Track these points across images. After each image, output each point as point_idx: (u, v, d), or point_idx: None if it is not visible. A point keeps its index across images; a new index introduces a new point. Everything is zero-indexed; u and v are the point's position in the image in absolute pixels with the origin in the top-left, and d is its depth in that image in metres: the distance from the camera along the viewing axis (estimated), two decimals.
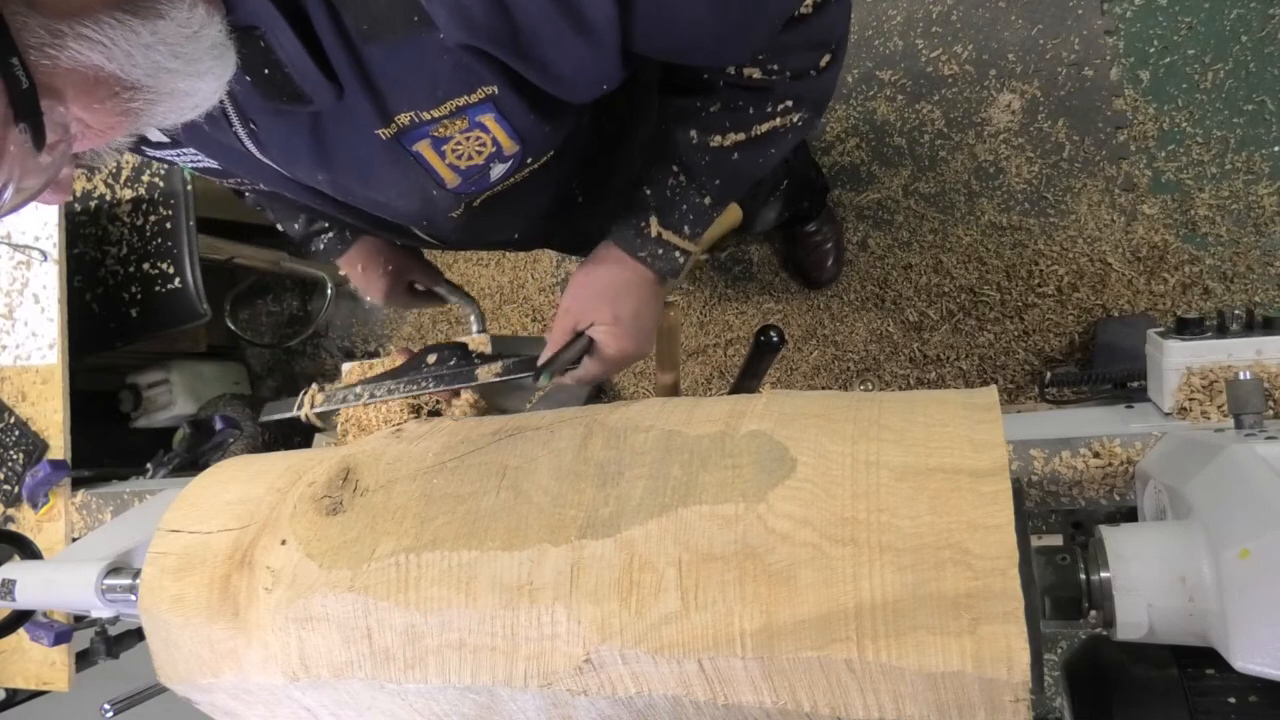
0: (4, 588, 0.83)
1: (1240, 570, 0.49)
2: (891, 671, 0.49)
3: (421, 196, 0.75)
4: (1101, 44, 1.77)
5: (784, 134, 0.79)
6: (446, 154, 0.71)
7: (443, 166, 0.72)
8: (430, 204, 0.77)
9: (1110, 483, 0.80)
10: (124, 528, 0.93)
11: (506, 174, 0.76)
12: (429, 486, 0.66)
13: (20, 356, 1.40)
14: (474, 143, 0.70)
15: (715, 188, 0.79)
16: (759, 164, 0.80)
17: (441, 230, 0.85)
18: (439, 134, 0.68)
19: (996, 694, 0.48)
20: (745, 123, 0.77)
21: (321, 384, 1.07)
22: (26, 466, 1.32)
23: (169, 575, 0.73)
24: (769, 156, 0.80)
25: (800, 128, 0.80)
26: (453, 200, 0.77)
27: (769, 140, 0.79)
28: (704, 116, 0.77)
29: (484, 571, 0.60)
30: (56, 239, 1.41)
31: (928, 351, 1.85)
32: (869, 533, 0.52)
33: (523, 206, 0.87)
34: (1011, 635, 0.47)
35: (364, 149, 0.68)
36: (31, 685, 1.28)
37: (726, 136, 0.77)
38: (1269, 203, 1.66)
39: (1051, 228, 1.78)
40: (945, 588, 0.49)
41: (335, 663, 0.64)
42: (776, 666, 0.52)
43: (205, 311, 1.70)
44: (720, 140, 0.77)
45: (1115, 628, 0.53)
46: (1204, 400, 0.77)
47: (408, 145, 0.68)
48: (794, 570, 0.52)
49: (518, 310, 2.20)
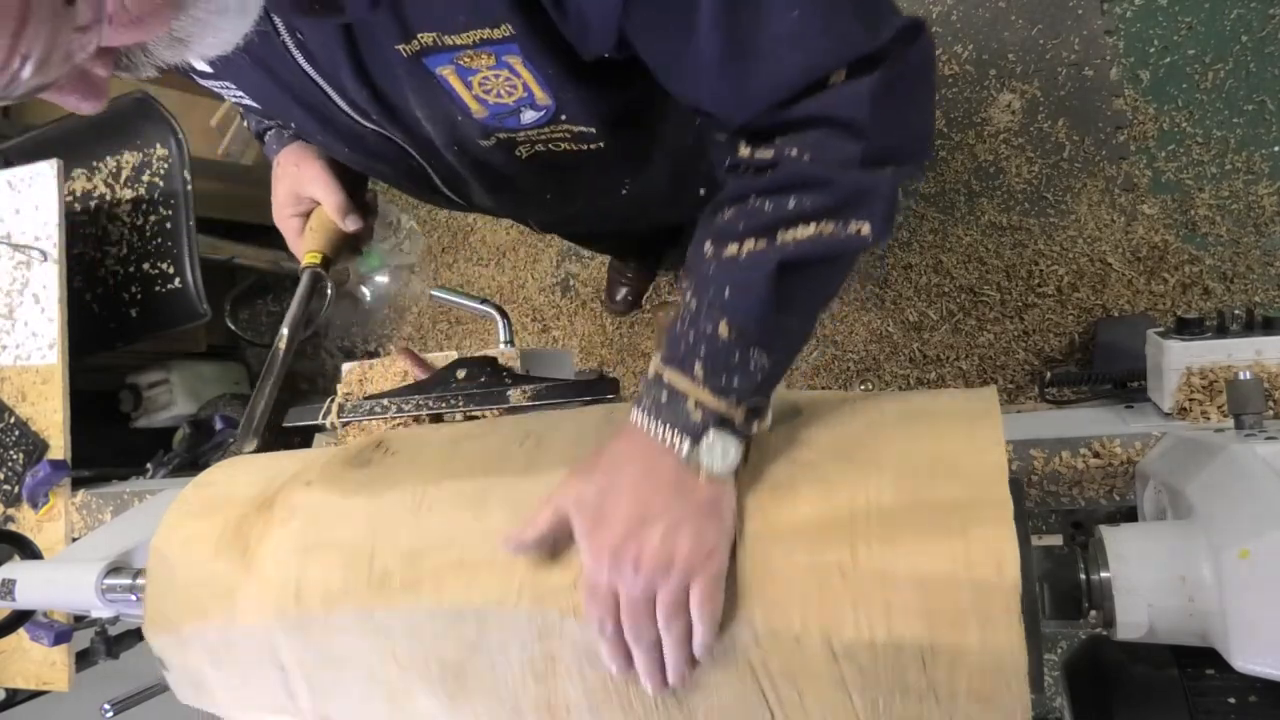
0: (4, 588, 0.82)
1: (1240, 570, 0.49)
2: (883, 577, 0.51)
3: (447, 121, 0.75)
4: (1101, 44, 1.77)
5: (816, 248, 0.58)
6: (473, 85, 0.69)
7: (469, 96, 0.71)
8: (457, 130, 0.76)
9: (1110, 483, 0.80)
10: (124, 528, 0.93)
11: (539, 121, 0.74)
12: (455, 449, 0.70)
13: (20, 356, 1.40)
14: (504, 82, 0.69)
15: (729, 307, 0.58)
16: (789, 290, 0.58)
17: (473, 163, 0.83)
18: (464, 63, 0.67)
19: (987, 601, 0.49)
20: (762, 225, 0.58)
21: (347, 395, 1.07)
22: (26, 466, 1.32)
23: (189, 517, 0.76)
24: (801, 282, 0.59)
25: (838, 240, 0.58)
26: (480, 129, 0.75)
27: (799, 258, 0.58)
28: (719, 223, 0.61)
29: (497, 493, 0.63)
30: (56, 239, 1.41)
31: (928, 351, 1.85)
32: (868, 454, 0.56)
33: (567, 170, 0.85)
34: (1002, 539, 0.49)
35: (392, 65, 0.68)
36: (31, 685, 1.28)
37: (743, 246, 0.58)
38: (1269, 203, 1.66)
39: (1051, 228, 1.78)
40: (938, 496, 0.52)
41: (330, 591, 0.65)
42: (770, 571, 0.54)
43: (205, 311, 1.70)
44: (735, 250, 0.59)
45: (1115, 628, 0.53)
46: (1204, 400, 0.77)
47: (431, 67, 0.67)
48: (794, 483, 0.57)
49: (518, 310, 2.20)
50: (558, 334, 2.17)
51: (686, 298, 0.61)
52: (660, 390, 0.59)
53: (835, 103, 0.57)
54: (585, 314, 2.14)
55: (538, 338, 2.19)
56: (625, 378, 2.09)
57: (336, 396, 1.02)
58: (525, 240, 2.22)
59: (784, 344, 0.60)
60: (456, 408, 0.92)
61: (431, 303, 2.30)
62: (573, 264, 2.17)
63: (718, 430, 0.57)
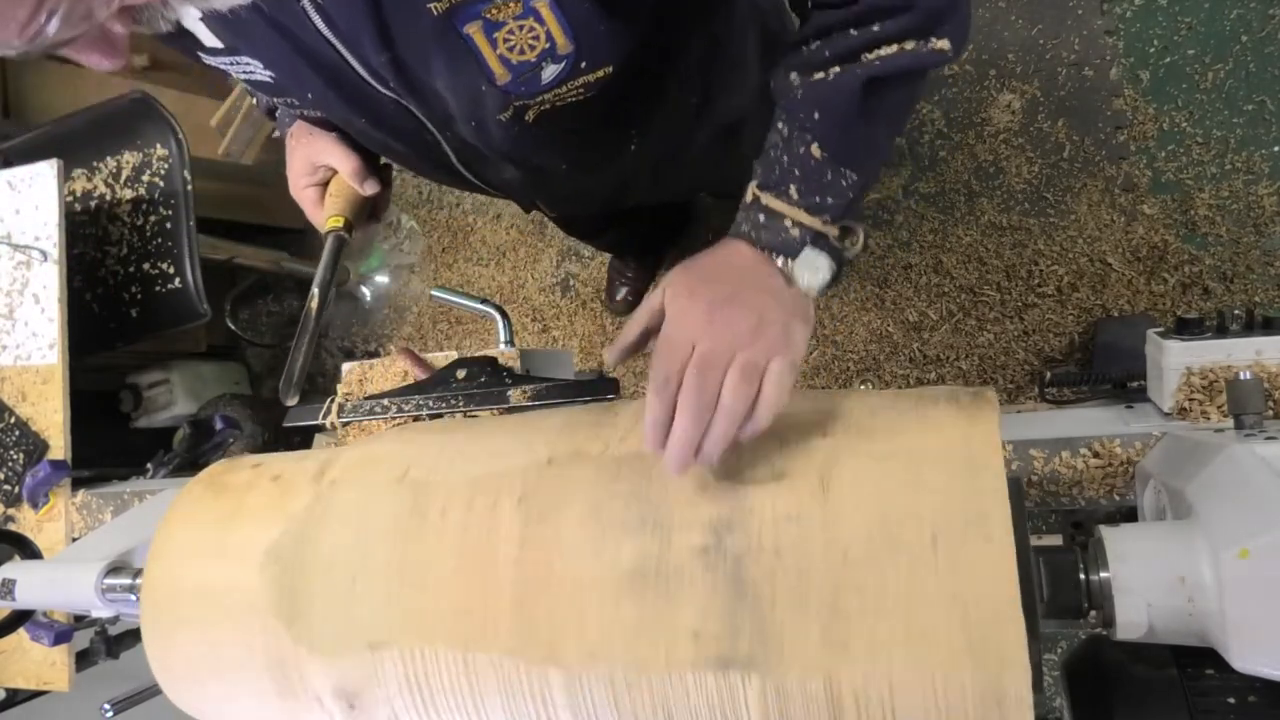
0: (4, 588, 0.83)
1: (1240, 570, 0.49)
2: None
3: (470, 92, 0.74)
4: (1101, 44, 1.77)
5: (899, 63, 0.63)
6: (498, 42, 0.68)
7: (493, 57, 0.70)
8: (479, 102, 0.75)
9: (1110, 483, 0.80)
10: (124, 528, 0.93)
11: (559, 77, 0.73)
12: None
13: (20, 356, 1.39)
14: (527, 34, 0.68)
15: (819, 128, 0.63)
16: (875, 104, 0.63)
17: (490, 138, 0.82)
18: (491, 16, 0.66)
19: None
20: (849, 49, 0.63)
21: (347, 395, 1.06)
22: (26, 466, 1.32)
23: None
24: (885, 94, 0.63)
25: (920, 55, 0.63)
26: (501, 100, 0.74)
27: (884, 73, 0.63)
28: (804, 54, 0.65)
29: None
30: (56, 239, 1.41)
31: (928, 351, 1.85)
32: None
33: (575, 131, 0.84)
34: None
35: (418, 27, 0.67)
36: (31, 685, 1.28)
37: (829, 71, 0.63)
38: (1269, 203, 1.66)
39: (1051, 228, 1.78)
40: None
41: None
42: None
43: (205, 311, 1.70)
44: (823, 75, 0.63)
45: (1115, 628, 0.53)
46: (1204, 400, 0.77)
47: (459, 25, 0.67)
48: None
49: (518, 310, 2.20)
50: (558, 334, 2.17)
51: (778, 125, 0.65)
52: (758, 214, 0.63)
53: None
54: (585, 314, 2.14)
55: (538, 338, 2.19)
56: (625, 377, 2.09)
57: (336, 396, 1.02)
58: (525, 240, 2.22)
59: (871, 159, 0.65)
60: (456, 408, 0.92)
61: (431, 303, 2.30)
62: (573, 264, 2.17)
63: (813, 247, 0.62)
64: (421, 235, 2.32)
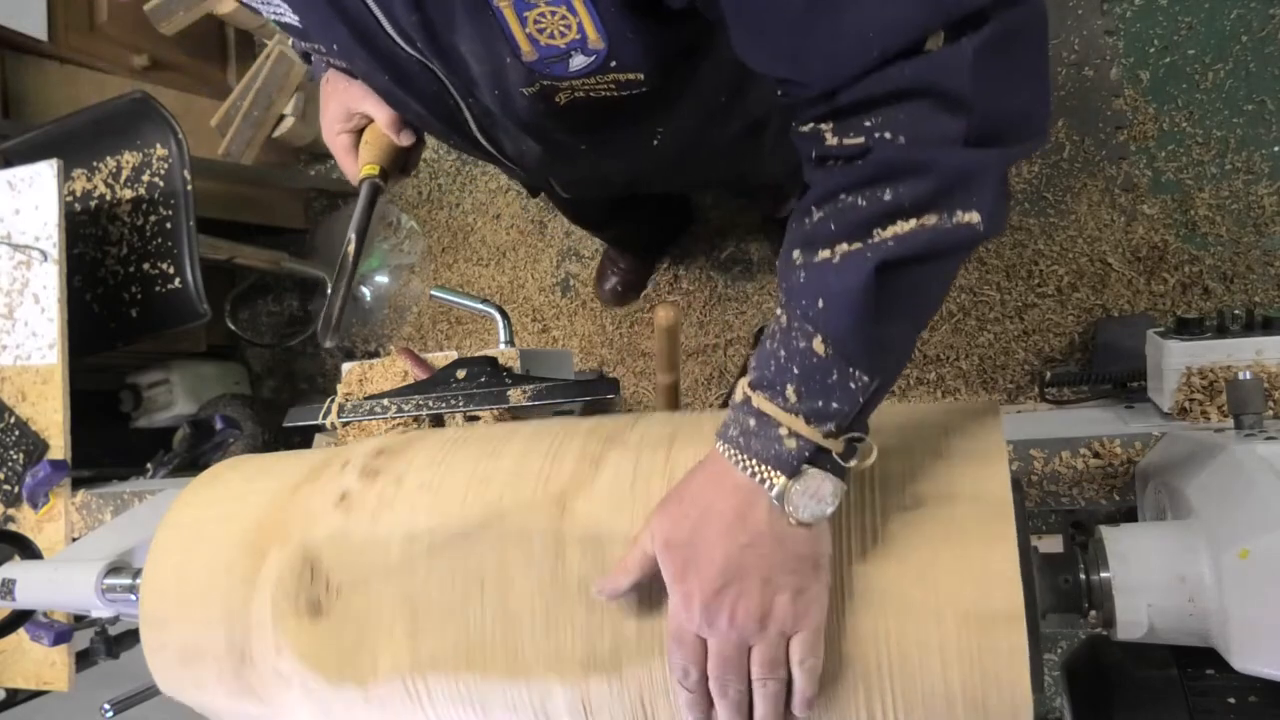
0: (4, 588, 0.83)
1: (1240, 570, 0.49)
2: None
3: (494, 62, 0.72)
4: (1101, 44, 1.77)
5: (918, 243, 0.50)
6: (528, 21, 0.67)
7: (521, 34, 0.68)
8: (502, 74, 0.74)
9: (1110, 483, 0.80)
10: (124, 528, 0.93)
11: (587, 69, 0.72)
12: (408, 588, 0.64)
13: (20, 356, 1.40)
14: (559, 21, 0.66)
15: (824, 321, 0.51)
16: (890, 294, 0.51)
17: (514, 109, 0.81)
18: None
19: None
20: (856, 222, 0.51)
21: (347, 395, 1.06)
22: (26, 466, 1.32)
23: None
24: (903, 283, 0.51)
25: (943, 233, 0.50)
26: (525, 75, 0.73)
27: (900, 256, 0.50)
28: (807, 226, 0.54)
29: (495, 698, 0.61)
30: (56, 239, 1.41)
31: (928, 351, 1.85)
32: None
33: (602, 121, 0.84)
34: None
35: None
36: (31, 685, 1.28)
37: (835, 249, 0.51)
38: (1269, 203, 1.66)
39: (1051, 228, 1.78)
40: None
41: None
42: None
43: (205, 311, 1.70)
44: (828, 255, 0.52)
45: (1115, 628, 0.53)
46: (1204, 400, 0.77)
47: None
48: None
49: (518, 310, 2.20)
50: (558, 334, 2.17)
51: (778, 312, 0.55)
52: (748, 417, 0.53)
53: (932, 70, 0.49)
54: (585, 314, 2.14)
55: (538, 338, 2.19)
56: (625, 378, 2.09)
57: (336, 396, 1.02)
58: (525, 240, 2.22)
59: (887, 360, 0.53)
60: (456, 408, 0.92)
61: (431, 303, 2.30)
62: (573, 264, 2.17)
63: (813, 466, 0.52)
64: (421, 235, 2.32)
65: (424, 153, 1.05)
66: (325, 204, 2.44)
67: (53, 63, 2.07)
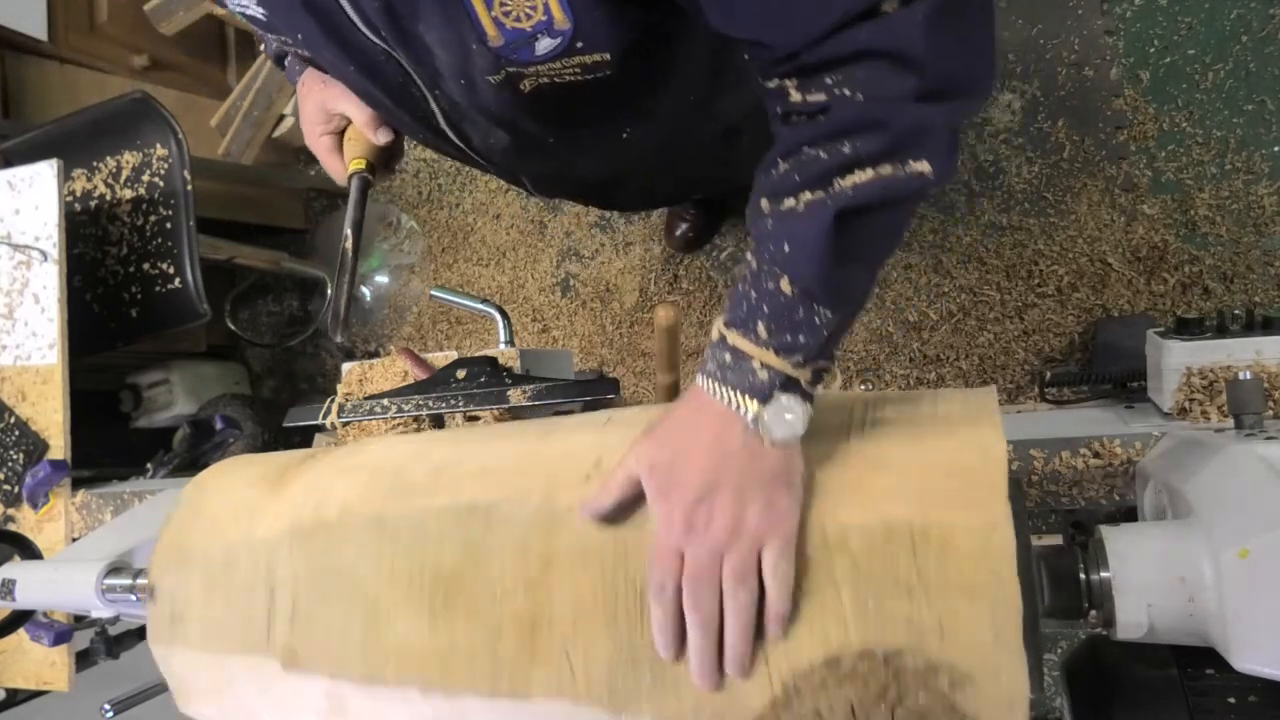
0: (4, 588, 0.83)
1: (1240, 570, 0.49)
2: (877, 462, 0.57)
3: (460, 48, 0.73)
4: (1101, 44, 1.77)
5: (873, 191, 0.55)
6: (494, 4, 0.68)
7: (487, 18, 0.69)
8: (468, 60, 0.74)
9: (1110, 483, 0.80)
10: (124, 527, 0.93)
11: (553, 53, 0.72)
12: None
13: (20, 356, 1.40)
14: (524, 2, 0.67)
15: (789, 263, 0.57)
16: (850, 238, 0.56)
17: (480, 98, 0.81)
18: None
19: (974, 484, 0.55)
20: (818, 173, 0.56)
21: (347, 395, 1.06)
22: (26, 466, 1.32)
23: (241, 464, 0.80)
24: (861, 227, 0.57)
25: (896, 182, 0.56)
26: (492, 62, 0.74)
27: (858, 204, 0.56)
28: (774, 177, 0.59)
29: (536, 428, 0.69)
30: (56, 239, 1.41)
31: (928, 351, 1.85)
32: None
33: (569, 108, 0.84)
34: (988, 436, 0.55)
35: None
36: (31, 685, 1.28)
37: (799, 198, 0.56)
38: (1269, 203, 1.66)
39: (1051, 228, 1.78)
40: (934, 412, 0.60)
41: (349, 503, 0.68)
42: None
43: (205, 311, 1.70)
44: (793, 203, 0.57)
45: (1115, 628, 0.53)
46: (1204, 400, 0.77)
47: None
48: None
49: (518, 310, 2.20)
50: (558, 334, 2.17)
51: (748, 256, 0.60)
52: (724, 352, 0.58)
53: (888, 32, 0.54)
54: (585, 314, 2.14)
55: (538, 338, 2.19)
56: (625, 377, 2.09)
57: (336, 396, 1.02)
58: (525, 240, 2.22)
59: (848, 298, 0.58)
60: (456, 408, 0.92)
61: (431, 303, 2.30)
62: (573, 264, 2.17)
63: (784, 392, 0.56)
64: (421, 235, 2.32)
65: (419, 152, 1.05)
66: (325, 204, 2.44)
67: (53, 63, 2.07)
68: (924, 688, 0.49)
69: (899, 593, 0.51)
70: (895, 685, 0.50)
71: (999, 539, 0.50)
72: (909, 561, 0.51)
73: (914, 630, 0.50)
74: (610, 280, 2.13)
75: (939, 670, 0.49)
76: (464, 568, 0.62)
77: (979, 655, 0.49)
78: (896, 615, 0.51)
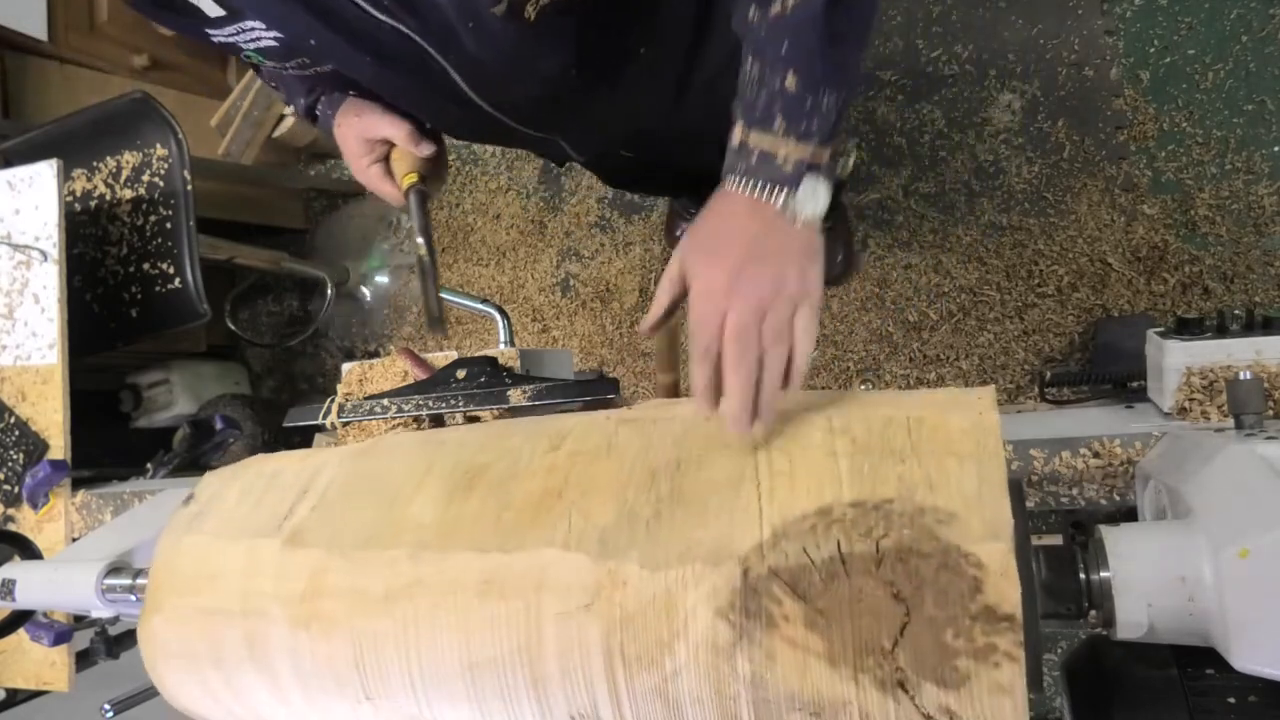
0: (4, 588, 0.83)
1: (1240, 570, 0.49)
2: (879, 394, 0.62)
3: None
4: (1101, 44, 1.77)
5: None
6: None
7: None
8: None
9: (1110, 483, 0.80)
10: (124, 527, 0.93)
11: None
12: None
13: (20, 356, 1.39)
14: None
15: (790, 59, 0.65)
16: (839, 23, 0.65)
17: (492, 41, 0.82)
18: None
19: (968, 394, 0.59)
20: None
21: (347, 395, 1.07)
22: (26, 466, 1.32)
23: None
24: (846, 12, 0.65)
25: None
26: None
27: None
28: None
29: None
30: (56, 239, 1.41)
31: (928, 351, 1.85)
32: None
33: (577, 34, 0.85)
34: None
35: None
36: (31, 685, 1.28)
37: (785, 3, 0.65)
38: (1269, 203, 1.66)
39: (1051, 228, 1.78)
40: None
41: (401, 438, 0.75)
42: None
43: (205, 311, 1.70)
44: (780, 7, 0.65)
45: (1115, 627, 0.53)
46: (1204, 400, 0.77)
47: None
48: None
49: (518, 310, 2.20)
50: (558, 334, 2.17)
51: (748, 63, 0.67)
52: (749, 155, 0.65)
53: None
54: (585, 314, 2.14)
55: (538, 338, 2.19)
56: (625, 378, 2.09)
57: (336, 396, 1.02)
58: (525, 240, 2.22)
59: (845, 77, 0.66)
60: (456, 408, 0.92)
61: None
62: (573, 264, 2.17)
63: (809, 174, 0.64)
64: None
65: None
66: (325, 204, 2.44)
67: (53, 63, 2.06)
68: (910, 525, 0.51)
69: (892, 459, 0.55)
70: (883, 524, 0.52)
71: (985, 418, 0.55)
72: (904, 438, 0.56)
73: (904, 484, 0.53)
74: (610, 280, 2.13)
75: (925, 511, 0.52)
76: (494, 461, 0.66)
77: (964, 497, 0.51)
78: (888, 474, 0.54)
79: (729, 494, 0.57)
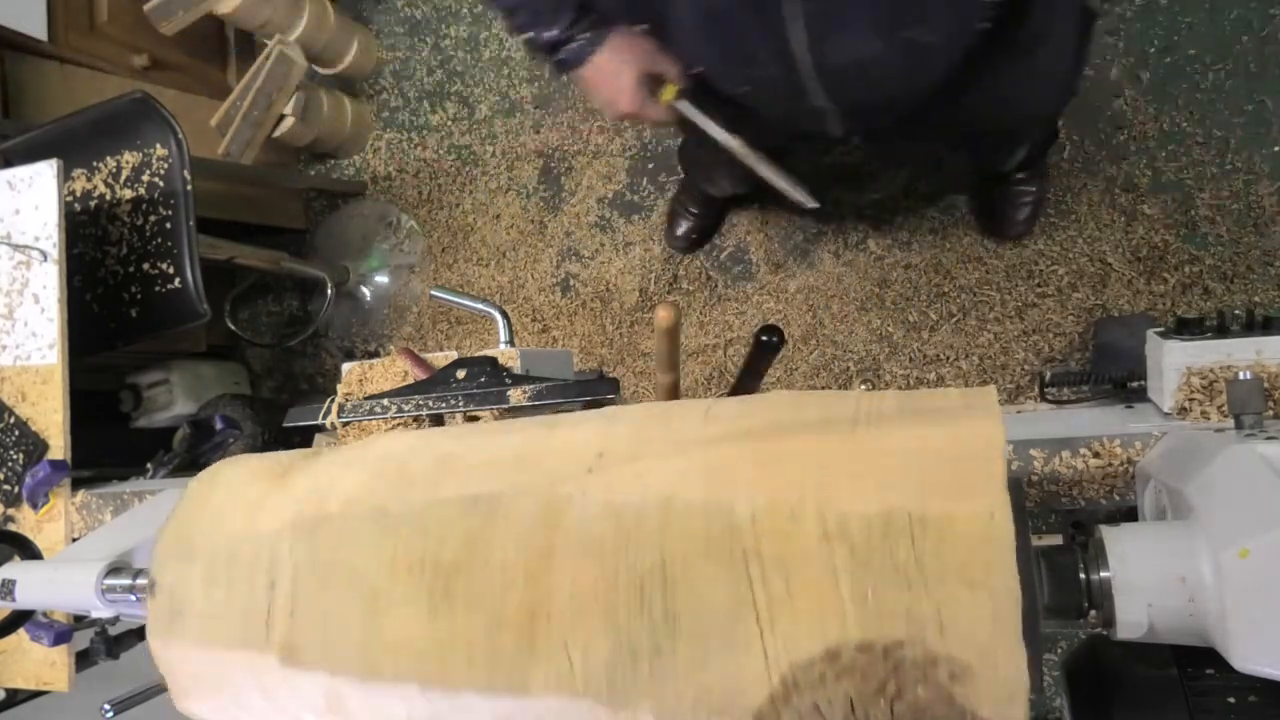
0: (4, 588, 0.82)
1: (1240, 570, 0.49)
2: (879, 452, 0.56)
3: None
4: (1101, 44, 1.77)
5: None
6: None
7: None
8: None
9: (1110, 483, 0.80)
10: (124, 527, 0.93)
11: None
12: None
13: (20, 356, 1.39)
14: None
15: None
16: None
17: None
18: None
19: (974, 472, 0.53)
20: None
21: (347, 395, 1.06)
22: (26, 466, 1.32)
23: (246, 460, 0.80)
24: None
25: None
26: None
27: None
28: None
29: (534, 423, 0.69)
30: (56, 239, 1.41)
31: (928, 351, 1.85)
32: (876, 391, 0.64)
33: None
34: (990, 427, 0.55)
35: None
36: (31, 685, 1.28)
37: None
38: (1269, 203, 1.66)
39: (1051, 228, 1.78)
40: (935, 404, 0.58)
41: (352, 494, 0.68)
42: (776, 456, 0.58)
43: (205, 311, 1.70)
44: None
45: (1115, 628, 0.53)
46: (1204, 400, 0.77)
47: None
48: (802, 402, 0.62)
49: (518, 310, 2.20)
50: (558, 334, 2.17)
51: None
52: None
53: None
54: (585, 314, 2.14)
55: (538, 338, 2.19)
56: (625, 378, 2.09)
57: (336, 396, 1.02)
58: (525, 240, 2.22)
59: None
60: (456, 408, 0.92)
61: (431, 303, 2.30)
62: (572, 264, 2.17)
63: None
64: (421, 235, 2.32)
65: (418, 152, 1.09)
66: (325, 204, 2.44)
67: (53, 63, 2.06)
68: (923, 681, 0.49)
69: (898, 582, 0.51)
70: (894, 679, 0.50)
71: (997, 526, 0.50)
72: (908, 550, 0.51)
73: (913, 622, 0.50)
74: (610, 280, 2.13)
75: (938, 662, 0.49)
76: (464, 559, 0.62)
77: (978, 646, 0.48)
78: (895, 606, 0.50)
79: (728, 624, 0.54)
